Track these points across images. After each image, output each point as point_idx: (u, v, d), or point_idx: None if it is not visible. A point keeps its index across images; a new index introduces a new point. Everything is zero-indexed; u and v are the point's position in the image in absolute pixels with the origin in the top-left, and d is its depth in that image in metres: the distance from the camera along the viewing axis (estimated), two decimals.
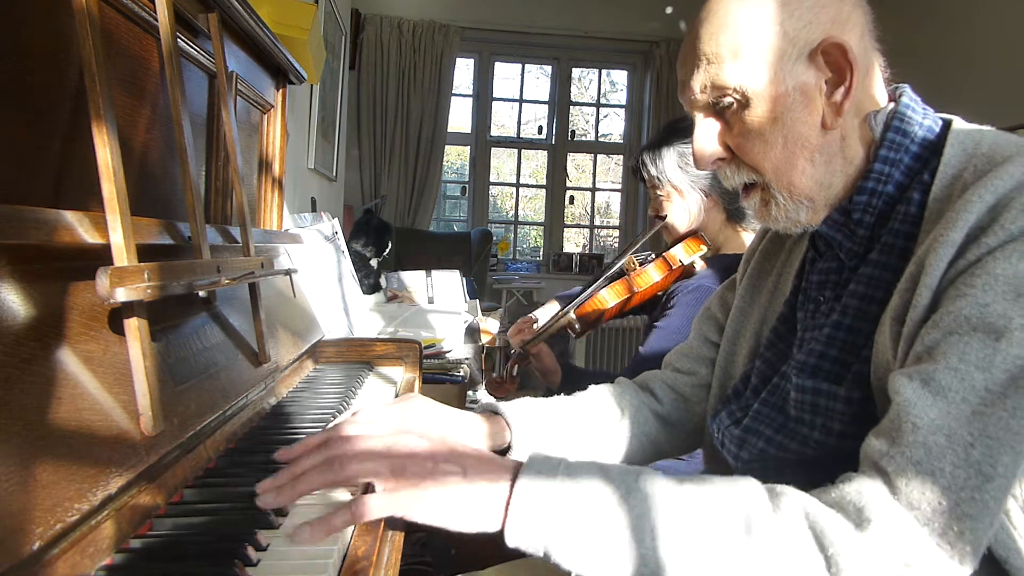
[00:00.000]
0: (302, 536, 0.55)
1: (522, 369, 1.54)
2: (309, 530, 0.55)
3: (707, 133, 0.77)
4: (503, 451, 0.86)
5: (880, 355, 0.66)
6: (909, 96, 0.75)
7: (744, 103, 0.73)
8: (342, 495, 0.67)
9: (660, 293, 1.50)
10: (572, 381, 1.48)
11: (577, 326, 1.45)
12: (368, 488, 0.59)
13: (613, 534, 0.55)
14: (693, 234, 1.42)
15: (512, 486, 0.57)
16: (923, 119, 0.73)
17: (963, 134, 0.70)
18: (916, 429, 0.55)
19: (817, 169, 0.73)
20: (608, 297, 1.44)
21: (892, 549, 0.52)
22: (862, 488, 0.56)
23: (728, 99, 0.73)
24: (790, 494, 0.57)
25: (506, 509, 0.56)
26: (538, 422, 0.87)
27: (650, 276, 1.43)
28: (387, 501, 0.56)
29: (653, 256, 1.49)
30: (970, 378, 0.56)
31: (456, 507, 0.57)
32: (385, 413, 0.70)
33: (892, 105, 0.74)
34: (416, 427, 0.64)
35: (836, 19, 0.71)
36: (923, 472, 0.54)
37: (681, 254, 1.41)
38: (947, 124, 0.73)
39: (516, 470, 0.58)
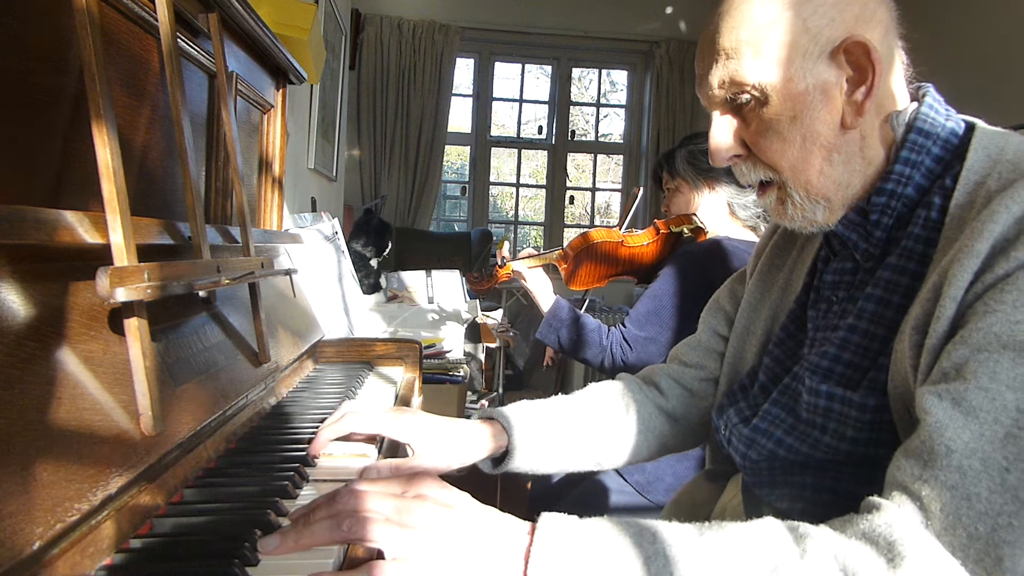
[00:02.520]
0: None
1: (510, 287, 1.76)
2: None
3: (723, 129, 0.75)
4: (503, 455, 0.86)
5: (899, 363, 0.64)
6: (932, 96, 0.73)
7: (762, 100, 0.71)
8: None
9: (652, 264, 1.67)
10: (558, 314, 1.59)
11: (564, 261, 1.65)
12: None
13: None
14: (687, 215, 1.60)
15: (526, 563, 0.53)
16: (946, 120, 0.71)
17: (987, 139, 0.68)
18: (950, 452, 0.54)
19: (835, 169, 0.71)
20: (597, 234, 1.62)
21: None
22: (892, 520, 0.53)
23: (746, 96, 0.71)
24: (815, 536, 0.54)
25: None
26: (537, 424, 0.86)
27: (639, 238, 1.63)
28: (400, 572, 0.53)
29: None
30: (1001, 398, 0.54)
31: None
32: (393, 466, 0.69)
33: (915, 105, 0.72)
34: (427, 486, 0.59)
35: (860, 16, 0.69)
36: (959, 497, 0.52)
37: (670, 223, 1.61)
38: (970, 127, 0.71)
39: (529, 541, 0.54)
